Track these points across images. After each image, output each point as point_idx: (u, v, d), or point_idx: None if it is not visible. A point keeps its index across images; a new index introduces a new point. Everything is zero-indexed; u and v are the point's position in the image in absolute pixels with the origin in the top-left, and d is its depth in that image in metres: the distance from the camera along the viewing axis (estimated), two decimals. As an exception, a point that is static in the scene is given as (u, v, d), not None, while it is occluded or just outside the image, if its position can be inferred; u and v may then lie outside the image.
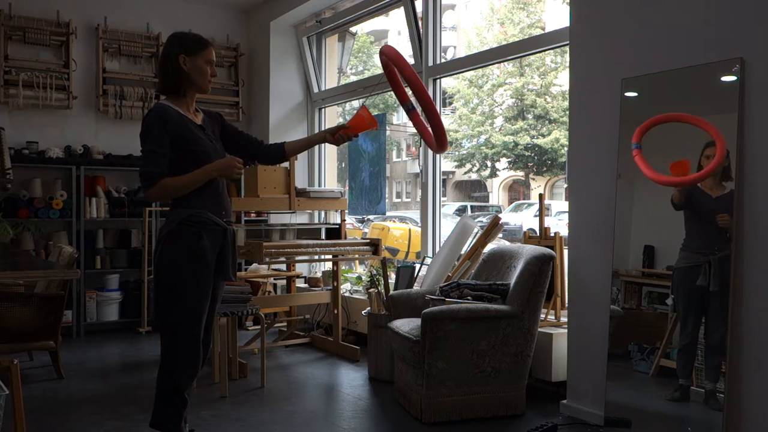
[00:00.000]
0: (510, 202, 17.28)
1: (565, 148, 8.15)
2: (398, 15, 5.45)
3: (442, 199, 5.32)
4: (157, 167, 2.57)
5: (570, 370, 3.51)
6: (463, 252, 4.37)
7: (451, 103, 16.54)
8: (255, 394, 3.92)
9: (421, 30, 5.09)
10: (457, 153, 16.70)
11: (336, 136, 2.81)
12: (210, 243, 2.63)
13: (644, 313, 3.16)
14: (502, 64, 9.83)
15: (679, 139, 3.08)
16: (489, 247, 4.22)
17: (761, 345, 2.71)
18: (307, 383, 4.18)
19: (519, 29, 15.48)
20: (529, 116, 15.61)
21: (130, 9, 6.13)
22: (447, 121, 16.39)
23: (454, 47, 18.52)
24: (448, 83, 15.33)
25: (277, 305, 5.32)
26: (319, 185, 6.45)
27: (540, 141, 15.07)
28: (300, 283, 5.76)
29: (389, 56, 3.32)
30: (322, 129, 6.49)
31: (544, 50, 4.57)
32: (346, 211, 5.42)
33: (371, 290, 4.47)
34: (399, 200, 20.48)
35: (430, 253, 4.99)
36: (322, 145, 6.43)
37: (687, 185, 2.96)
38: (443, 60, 5.08)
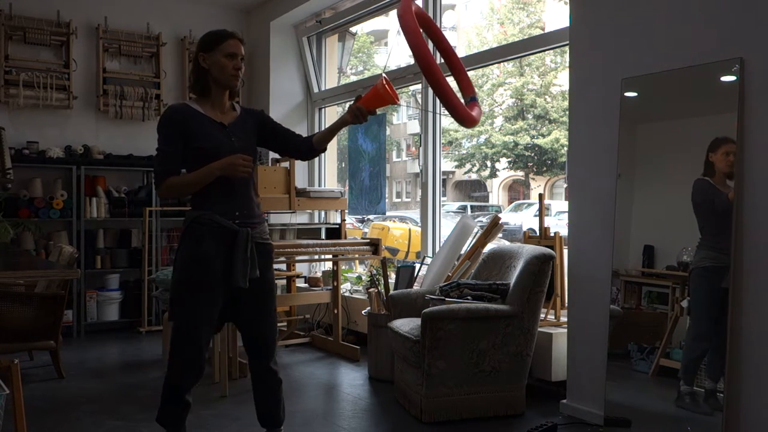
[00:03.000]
0: (510, 202, 17.28)
1: (565, 148, 8.15)
2: (398, 15, 5.44)
3: (442, 199, 5.32)
4: (163, 165, 2.56)
5: (570, 370, 3.52)
6: (463, 252, 4.37)
7: (451, 103, 16.52)
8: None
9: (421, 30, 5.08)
10: (457, 153, 16.70)
11: (351, 113, 2.60)
12: (215, 246, 2.54)
13: (644, 312, 3.16)
14: (502, 64, 9.83)
15: (679, 138, 3.08)
16: (489, 247, 4.22)
17: (761, 345, 2.71)
18: (307, 383, 4.18)
19: (519, 29, 15.48)
20: (529, 116, 15.61)
21: (130, 9, 6.14)
22: (447, 121, 16.39)
23: (455, 47, 18.51)
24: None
25: (278, 305, 5.31)
26: (319, 185, 6.45)
27: (540, 141, 15.07)
28: (300, 283, 5.76)
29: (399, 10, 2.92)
30: (323, 129, 6.48)
31: (544, 50, 4.57)
32: (346, 211, 5.41)
33: (371, 290, 4.47)
34: (399, 200, 20.48)
35: (430, 253, 4.99)
36: (322, 145, 6.48)
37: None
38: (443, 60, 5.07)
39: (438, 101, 5.08)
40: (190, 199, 2.63)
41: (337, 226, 5.09)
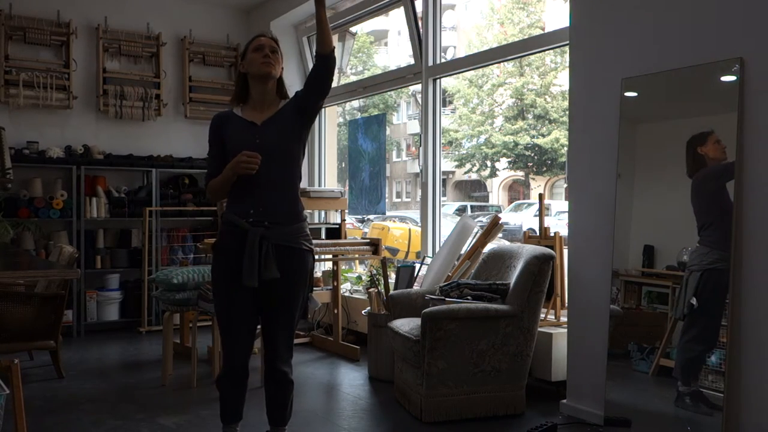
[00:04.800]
0: (510, 202, 17.29)
1: (565, 148, 8.15)
2: (398, 15, 5.45)
3: (442, 199, 5.33)
4: (208, 169, 2.72)
5: (570, 370, 3.52)
6: (463, 252, 4.37)
7: (451, 103, 16.56)
8: (255, 394, 3.90)
9: (421, 30, 5.09)
10: (457, 153, 16.71)
11: None
12: (232, 245, 2.58)
13: (644, 312, 3.16)
14: (502, 64, 9.84)
15: (679, 138, 3.08)
16: (489, 247, 4.22)
17: (761, 345, 2.71)
18: (307, 383, 4.18)
19: (519, 29, 15.49)
20: (529, 116, 15.63)
21: (130, 9, 6.13)
22: (447, 120, 16.41)
23: (454, 47, 18.53)
24: (448, 83, 15.34)
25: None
26: (319, 185, 6.45)
27: (540, 141, 15.09)
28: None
29: None
30: (323, 125, 6.49)
31: (544, 50, 4.57)
32: (346, 210, 5.42)
33: (371, 290, 4.47)
34: (399, 200, 20.50)
35: (430, 253, 4.99)
36: (322, 145, 6.50)
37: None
38: (443, 60, 5.08)
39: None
40: None
41: (337, 226, 5.09)
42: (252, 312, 2.66)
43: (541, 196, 4.11)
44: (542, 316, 3.65)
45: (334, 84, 6.74)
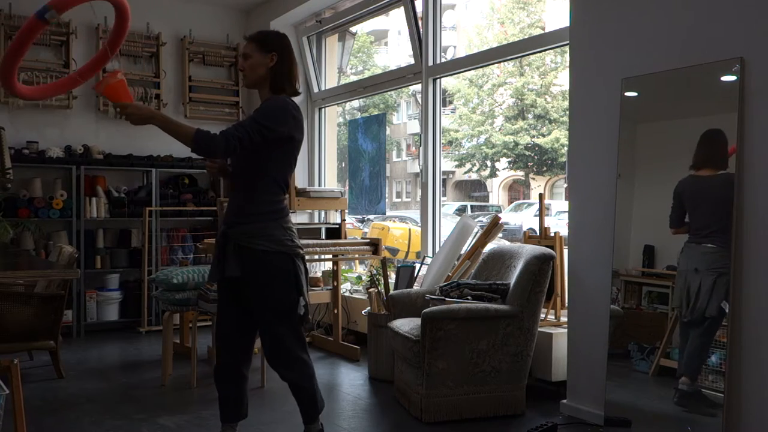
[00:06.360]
0: (510, 202, 17.28)
1: (565, 148, 8.15)
2: (398, 15, 5.45)
3: (442, 199, 5.32)
4: None
5: (570, 370, 3.51)
6: (463, 252, 4.37)
7: (451, 102, 16.55)
8: (255, 394, 3.91)
9: (421, 30, 5.09)
10: (457, 153, 16.70)
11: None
12: (218, 248, 2.70)
13: (644, 312, 3.16)
14: (502, 63, 9.84)
15: (679, 138, 3.08)
16: (489, 247, 4.22)
17: (761, 345, 2.71)
18: (307, 383, 4.18)
19: (519, 29, 15.49)
20: (529, 116, 15.62)
21: (131, 9, 6.10)
22: (447, 120, 16.40)
23: (454, 47, 18.52)
24: (448, 83, 15.33)
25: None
26: (319, 185, 6.45)
27: (540, 141, 15.08)
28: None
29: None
30: (323, 125, 6.50)
31: (544, 50, 4.57)
32: (346, 210, 5.41)
33: (371, 290, 4.47)
34: (399, 200, 20.48)
35: (430, 253, 4.98)
36: (322, 145, 6.51)
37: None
38: (443, 60, 5.08)
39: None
40: None
41: (337, 226, 5.09)
42: (234, 310, 2.70)
43: (541, 196, 4.10)
44: (542, 316, 3.65)
45: (333, 84, 6.75)
